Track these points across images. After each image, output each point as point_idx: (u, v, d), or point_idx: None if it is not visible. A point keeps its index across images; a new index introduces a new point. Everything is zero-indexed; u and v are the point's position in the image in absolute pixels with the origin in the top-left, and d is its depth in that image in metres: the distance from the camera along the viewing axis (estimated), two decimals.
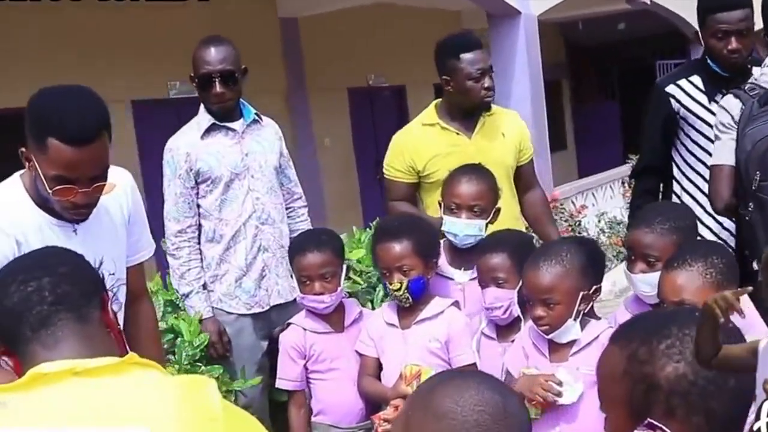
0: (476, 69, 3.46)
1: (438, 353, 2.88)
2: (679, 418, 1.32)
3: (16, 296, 1.49)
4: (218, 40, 3.39)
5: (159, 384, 1.42)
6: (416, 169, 3.54)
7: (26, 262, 1.60)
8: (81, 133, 2.06)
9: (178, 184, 3.36)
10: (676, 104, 3.44)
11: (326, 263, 2.99)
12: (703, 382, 1.32)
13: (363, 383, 2.99)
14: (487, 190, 3.09)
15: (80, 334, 1.48)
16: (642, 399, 1.35)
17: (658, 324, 1.42)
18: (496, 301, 2.79)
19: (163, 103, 8.23)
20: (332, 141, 10.89)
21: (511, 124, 3.68)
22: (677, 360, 1.34)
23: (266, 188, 3.45)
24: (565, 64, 16.20)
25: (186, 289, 3.40)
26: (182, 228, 3.38)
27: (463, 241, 3.06)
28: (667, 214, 2.70)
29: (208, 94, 3.34)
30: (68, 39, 7.68)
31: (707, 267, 2.22)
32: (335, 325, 3.07)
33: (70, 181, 2.08)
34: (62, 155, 2.06)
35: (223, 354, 3.39)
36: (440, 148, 3.50)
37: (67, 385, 1.39)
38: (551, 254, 2.51)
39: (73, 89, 2.17)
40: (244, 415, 1.52)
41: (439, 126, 3.56)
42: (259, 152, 3.44)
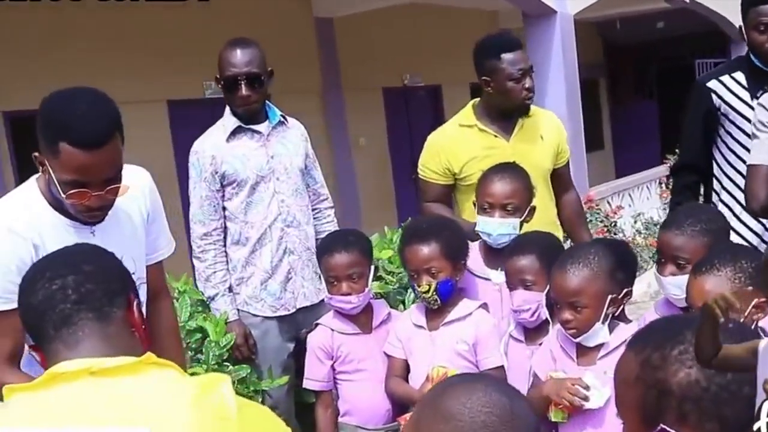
0: (517, 69, 3.41)
1: (465, 355, 2.86)
2: (691, 424, 1.30)
3: (41, 294, 1.51)
4: (244, 42, 3.39)
5: (174, 384, 1.42)
6: (452, 171, 3.50)
7: (55, 259, 1.61)
8: (93, 137, 2.05)
9: (203, 187, 3.37)
10: (717, 100, 3.38)
11: (353, 264, 2.99)
12: (716, 389, 1.30)
13: (390, 384, 2.98)
14: (521, 188, 3.06)
15: (101, 334, 1.49)
16: (654, 405, 1.33)
17: (672, 330, 1.41)
18: (524, 304, 2.77)
19: (198, 103, 8.27)
20: (367, 141, 10.90)
21: (549, 126, 3.64)
22: (690, 366, 1.32)
23: (292, 190, 3.44)
24: (603, 64, 16.07)
25: (212, 292, 3.41)
26: (208, 231, 3.39)
27: (497, 240, 3.03)
28: (697, 216, 2.65)
29: (233, 96, 3.35)
30: (105, 40, 7.76)
31: (736, 271, 2.18)
32: (363, 326, 3.07)
33: (83, 184, 2.08)
34: (75, 159, 2.05)
35: (248, 356, 3.40)
36: (477, 151, 3.46)
37: (83, 384, 1.40)
38: (579, 257, 2.49)
39: (84, 91, 2.15)
40: (261, 412, 1.52)
41: (476, 127, 3.52)
42: (284, 154, 3.45)
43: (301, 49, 9.69)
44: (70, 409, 1.38)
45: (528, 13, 8.49)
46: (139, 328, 1.59)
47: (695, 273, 2.25)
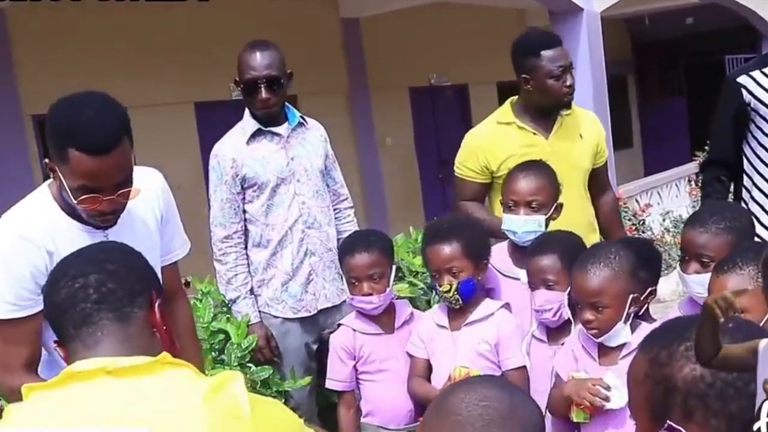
0: (557, 66, 3.36)
1: (487, 355, 2.85)
2: (697, 420, 1.30)
3: (63, 292, 1.52)
4: (263, 45, 3.39)
5: (187, 384, 1.43)
6: (490, 169, 3.46)
7: (79, 257, 1.61)
8: (101, 143, 2.03)
9: (224, 190, 3.38)
10: (748, 95, 3.33)
11: (374, 264, 2.99)
12: (722, 385, 1.30)
13: (412, 384, 2.98)
14: (545, 185, 3.03)
15: (120, 335, 1.50)
16: (661, 401, 1.34)
17: (680, 328, 1.41)
18: (546, 304, 2.75)
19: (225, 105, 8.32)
20: (394, 140, 10.90)
21: (589, 125, 3.58)
22: (695, 362, 1.32)
23: (312, 192, 3.45)
24: (631, 60, 15.94)
25: (233, 295, 3.42)
26: (228, 234, 3.40)
27: (522, 238, 3.01)
28: (722, 214, 2.62)
29: (253, 99, 3.35)
30: (131, 43, 7.84)
31: (758, 270, 2.15)
32: (385, 326, 3.07)
33: (94, 189, 2.07)
34: (84, 165, 2.04)
35: (270, 358, 3.41)
36: (516, 149, 3.40)
37: (99, 382, 1.42)
38: (599, 257, 2.47)
39: (91, 96, 2.13)
40: (275, 408, 1.53)
41: (515, 125, 3.47)
42: (304, 156, 3.45)
43: (328, 49, 9.71)
44: (85, 406, 1.39)
45: (554, 10, 8.45)
46: (160, 328, 1.59)
47: (717, 272, 2.22)
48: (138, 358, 1.45)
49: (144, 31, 7.91)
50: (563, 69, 3.37)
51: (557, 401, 2.61)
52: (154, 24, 7.96)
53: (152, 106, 8.03)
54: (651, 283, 2.79)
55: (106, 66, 7.52)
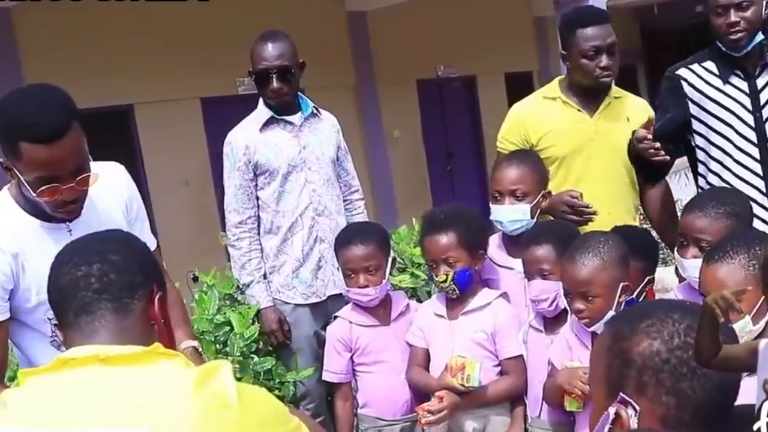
0: (590, 46, 3.23)
1: (484, 344, 2.88)
2: (649, 395, 1.32)
3: (66, 278, 1.54)
4: (275, 36, 3.44)
5: (177, 373, 1.44)
6: (530, 143, 3.36)
7: (85, 244, 1.62)
8: (50, 130, 2.00)
9: (237, 176, 3.44)
10: (689, 87, 3.28)
11: (370, 256, 3.01)
12: (676, 362, 1.31)
13: (411, 373, 3.00)
14: (528, 173, 3.03)
15: (117, 326, 1.52)
16: (617, 374, 1.35)
17: (646, 308, 1.44)
18: (542, 294, 2.76)
19: (231, 100, 8.36)
20: (402, 133, 10.92)
21: (638, 110, 3.44)
22: (654, 337, 1.34)
23: (323, 180, 3.50)
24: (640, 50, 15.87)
25: (247, 279, 3.48)
26: (242, 219, 3.46)
27: (509, 227, 3.03)
28: (721, 199, 2.62)
29: (265, 89, 3.42)
30: (138, 38, 7.87)
31: (750, 259, 2.13)
32: (381, 318, 3.09)
33: (52, 179, 2.04)
34: (37, 156, 2.01)
35: (283, 342, 3.47)
36: (559, 124, 3.33)
37: (91, 369, 1.44)
38: (588, 247, 2.48)
39: (33, 88, 2.11)
40: (261, 396, 1.53)
41: (560, 100, 3.38)
42: (316, 145, 3.50)
43: (335, 43, 9.73)
44: (77, 392, 1.41)
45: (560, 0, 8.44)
46: (158, 321, 1.60)
47: (708, 261, 2.21)
48: (130, 348, 1.47)
49: (149, 27, 7.95)
50: (597, 49, 3.24)
51: (552, 391, 2.63)
52: (159, 21, 7.99)
53: (159, 102, 8.09)
54: (648, 272, 2.80)
55: (112, 63, 7.58)
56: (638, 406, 1.32)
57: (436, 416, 2.73)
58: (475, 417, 2.88)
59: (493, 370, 2.89)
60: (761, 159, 3.22)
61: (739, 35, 3.15)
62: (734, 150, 3.23)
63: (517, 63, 12.46)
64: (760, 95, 3.24)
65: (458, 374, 2.75)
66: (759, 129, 3.22)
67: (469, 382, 2.73)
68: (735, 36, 3.16)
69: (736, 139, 3.23)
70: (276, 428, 1.50)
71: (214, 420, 1.38)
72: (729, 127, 3.23)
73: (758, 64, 3.26)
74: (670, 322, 1.35)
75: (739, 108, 3.23)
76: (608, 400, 1.36)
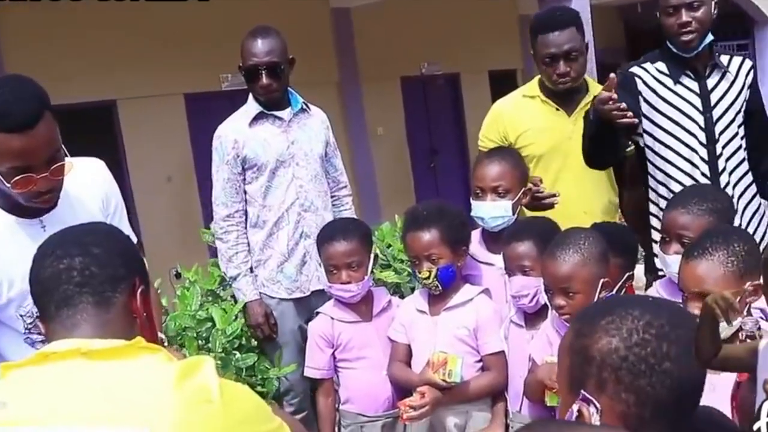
0: (547, 53, 3.26)
1: (466, 340, 2.89)
2: (609, 393, 1.32)
3: (48, 271, 1.53)
4: (265, 32, 3.47)
5: (159, 368, 1.44)
6: (509, 140, 3.40)
7: (66, 236, 1.61)
8: (22, 119, 1.99)
9: (225, 170, 3.46)
10: (642, 85, 3.27)
11: (353, 252, 3.01)
12: (634, 359, 1.31)
13: (392, 369, 3.01)
14: (510, 169, 3.04)
15: (98, 320, 1.52)
16: (579, 371, 1.35)
17: (609, 304, 1.44)
18: (523, 289, 2.77)
19: (215, 96, 8.34)
20: (385, 130, 10.90)
21: None
22: (612, 334, 1.33)
23: (311, 176, 3.52)
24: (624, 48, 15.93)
25: (234, 272, 3.50)
26: (230, 213, 3.48)
27: (490, 224, 3.04)
28: (703, 196, 2.65)
29: (255, 85, 3.45)
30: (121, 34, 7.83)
31: (728, 255, 2.16)
32: (363, 314, 3.10)
33: (25, 169, 2.02)
34: (10, 146, 1.99)
35: (269, 336, 3.48)
36: (537, 122, 3.36)
37: (72, 363, 1.44)
38: (568, 243, 2.50)
39: (4, 79, 2.11)
40: (244, 394, 1.53)
41: (539, 98, 3.40)
42: (304, 141, 3.53)
43: (318, 39, 9.70)
44: (58, 385, 1.41)
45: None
46: (140, 315, 1.60)
47: (687, 257, 2.23)
48: (112, 341, 1.47)
49: (133, 23, 7.90)
50: (552, 56, 3.27)
51: (532, 386, 2.65)
52: (143, 16, 7.95)
53: (142, 98, 8.05)
54: (627, 269, 2.82)
55: (95, 59, 7.54)
56: (599, 404, 1.32)
57: (417, 412, 2.74)
58: (456, 413, 2.90)
59: (475, 365, 2.90)
60: (709, 160, 3.23)
61: (691, 36, 3.16)
62: (684, 149, 3.24)
63: (501, 61, 12.45)
64: (710, 95, 3.26)
65: (440, 370, 2.76)
66: (708, 130, 3.23)
67: (451, 377, 2.75)
68: (686, 37, 3.17)
69: (686, 138, 3.24)
70: (258, 425, 1.50)
71: (196, 415, 1.38)
72: (679, 127, 3.23)
73: (708, 65, 3.27)
74: (629, 319, 1.34)
75: (689, 108, 3.24)
76: (571, 396, 1.36)
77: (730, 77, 3.30)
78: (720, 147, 3.24)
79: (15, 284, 2.17)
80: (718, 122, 3.24)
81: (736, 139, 3.28)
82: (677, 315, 1.38)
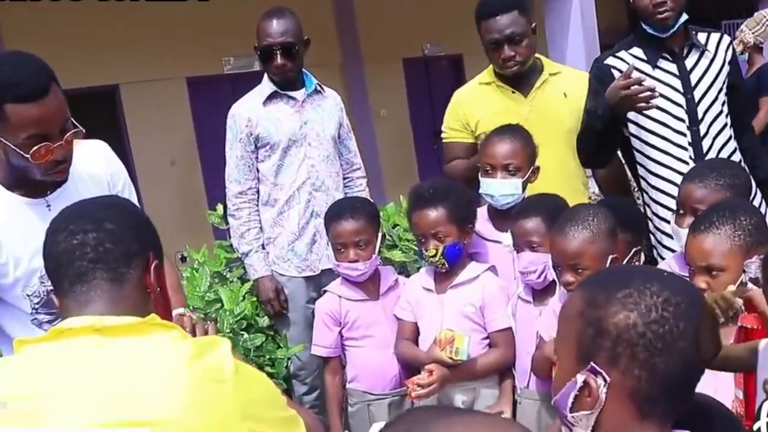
0: (490, 38, 3.29)
1: (473, 317, 2.89)
2: (621, 367, 1.30)
3: (62, 246, 1.53)
4: (280, 12, 3.52)
5: (172, 346, 1.44)
6: (470, 128, 3.43)
7: (80, 210, 1.60)
8: (35, 88, 2.02)
9: (238, 148, 3.51)
10: (618, 74, 3.22)
11: (361, 231, 3.01)
12: (652, 336, 1.29)
13: (399, 347, 3.02)
14: (521, 147, 3.03)
15: (112, 296, 1.51)
16: (590, 342, 1.33)
17: (623, 275, 1.40)
18: (531, 266, 2.77)
19: (218, 79, 8.33)
20: (388, 112, 10.89)
21: (576, 84, 3.43)
22: (631, 309, 1.31)
23: (322, 156, 3.57)
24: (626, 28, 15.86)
25: (245, 248, 3.55)
26: (243, 190, 3.54)
27: (500, 201, 3.03)
28: (721, 170, 2.62)
29: (269, 65, 3.51)
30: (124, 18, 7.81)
31: (735, 229, 2.15)
32: (370, 292, 3.10)
33: (42, 138, 2.05)
34: (26, 114, 2.01)
35: (279, 311, 3.53)
36: (494, 107, 3.37)
37: (86, 340, 1.44)
38: (577, 219, 2.48)
39: (7, 55, 2.14)
40: (259, 378, 1.53)
41: (494, 84, 3.43)
42: (317, 121, 3.57)
43: (320, 21, 9.66)
44: (71, 361, 1.42)
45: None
46: (154, 289, 1.60)
47: (694, 231, 2.22)
48: (126, 318, 1.47)
49: (135, 7, 7.87)
50: (496, 41, 3.27)
51: (540, 362, 2.65)
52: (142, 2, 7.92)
53: (144, 82, 8.04)
54: (634, 244, 2.82)
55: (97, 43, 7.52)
56: (609, 377, 1.30)
57: (425, 390, 2.74)
58: (464, 390, 2.90)
59: (482, 343, 2.91)
60: (692, 141, 3.22)
61: (667, 14, 3.15)
62: (670, 133, 3.23)
63: None
64: (690, 76, 3.24)
65: (447, 347, 2.76)
66: (691, 110, 3.21)
67: (458, 355, 2.75)
68: (662, 15, 3.15)
69: (671, 122, 3.22)
70: (270, 410, 1.50)
71: (207, 394, 1.38)
72: (662, 112, 3.22)
73: (684, 45, 3.25)
74: (648, 294, 1.31)
75: (670, 91, 3.22)
76: (576, 365, 1.34)
77: (709, 55, 3.28)
78: (704, 127, 3.22)
79: (21, 264, 2.18)
80: (701, 102, 3.23)
81: (720, 118, 3.26)
82: (693, 292, 1.36)
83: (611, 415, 1.31)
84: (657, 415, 1.31)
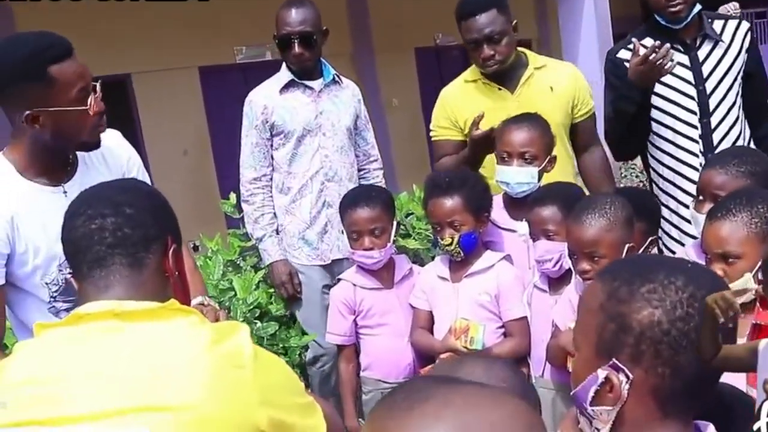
0: (469, 38, 3.29)
1: (488, 306, 2.89)
2: (644, 365, 1.27)
3: (80, 230, 1.53)
4: (299, 2, 3.54)
5: (192, 331, 1.44)
6: (459, 126, 3.41)
7: (98, 194, 1.60)
8: (66, 46, 2.12)
9: (254, 134, 3.53)
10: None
11: (376, 219, 3.01)
12: (677, 334, 1.26)
13: (415, 336, 3.02)
14: (538, 136, 3.02)
15: (131, 281, 1.51)
16: (612, 338, 1.29)
17: (646, 267, 1.35)
18: (547, 254, 2.76)
19: (230, 69, 8.32)
20: (400, 102, 10.86)
21: (563, 77, 3.43)
22: (655, 306, 1.27)
23: (337, 147, 3.57)
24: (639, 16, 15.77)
25: (260, 233, 3.57)
26: (257, 176, 3.55)
27: (515, 189, 3.01)
28: (743, 158, 2.58)
29: (288, 54, 3.53)
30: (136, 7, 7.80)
31: (752, 216, 2.13)
32: (385, 281, 3.10)
33: (87, 92, 2.14)
34: (72, 71, 2.10)
35: (293, 295, 3.54)
36: (480, 105, 3.32)
37: (106, 324, 1.44)
38: (594, 207, 2.47)
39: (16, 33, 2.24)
40: (278, 365, 1.53)
41: (480, 81, 3.41)
42: (333, 112, 3.58)
43: (332, 11, 9.57)
44: (91, 347, 1.42)
45: None
46: (172, 273, 1.59)
47: (710, 218, 2.20)
48: (146, 303, 1.47)
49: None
50: (475, 41, 3.27)
51: (555, 351, 2.64)
52: None
53: (157, 71, 8.03)
54: (650, 233, 2.81)
55: (108, 33, 7.51)
56: (631, 374, 1.27)
57: None
58: None
59: (497, 332, 2.90)
60: (703, 133, 3.19)
61: (680, 7, 3.13)
62: (681, 125, 3.21)
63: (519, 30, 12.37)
64: (702, 67, 3.21)
65: (462, 337, 2.76)
66: (702, 102, 3.19)
67: (473, 344, 2.75)
68: (675, 8, 3.13)
69: (683, 114, 3.21)
70: (288, 397, 1.49)
71: (226, 379, 1.38)
72: (673, 104, 3.20)
73: (697, 36, 3.23)
74: (673, 289, 1.28)
75: (681, 83, 3.21)
76: (597, 357, 1.31)
77: (724, 45, 3.25)
78: (716, 120, 3.20)
79: (40, 252, 2.18)
80: (713, 94, 3.21)
81: (733, 110, 3.24)
82: (718, 285, 1.33)
83: (632, 411, 1.29)
84: (679, 412, 1.28)
